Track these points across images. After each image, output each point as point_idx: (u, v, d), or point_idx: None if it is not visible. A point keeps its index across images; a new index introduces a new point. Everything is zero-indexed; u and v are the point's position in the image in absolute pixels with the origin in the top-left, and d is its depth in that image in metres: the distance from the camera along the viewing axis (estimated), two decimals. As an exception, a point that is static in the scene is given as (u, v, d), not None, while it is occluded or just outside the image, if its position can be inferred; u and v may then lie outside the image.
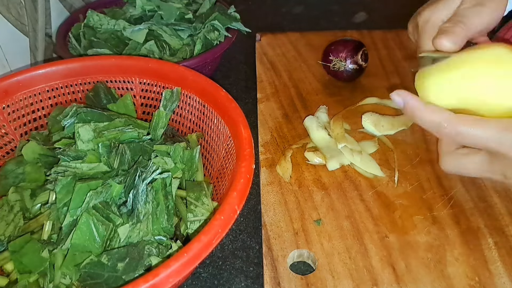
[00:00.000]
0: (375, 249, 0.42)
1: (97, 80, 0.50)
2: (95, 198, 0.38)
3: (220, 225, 0.31)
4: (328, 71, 0.62)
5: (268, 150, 0.54)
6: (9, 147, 0.48)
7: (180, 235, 0.40)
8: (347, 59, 0.59)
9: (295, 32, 0.76)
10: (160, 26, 0.64)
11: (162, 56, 0.62)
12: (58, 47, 0.62)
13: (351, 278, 0.39)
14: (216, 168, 0.45)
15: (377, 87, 0.63)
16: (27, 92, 0.47)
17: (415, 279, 0.39)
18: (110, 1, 0.73)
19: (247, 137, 0.38)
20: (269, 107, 0.60)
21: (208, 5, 0.69)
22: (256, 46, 0.73)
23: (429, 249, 0.42)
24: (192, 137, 0.48)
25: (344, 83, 0.63)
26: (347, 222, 0.44)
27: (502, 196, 0.46)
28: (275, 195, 0.48)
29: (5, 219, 0.40)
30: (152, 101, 0.51)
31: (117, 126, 0.44)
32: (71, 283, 0.35)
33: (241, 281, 0.42)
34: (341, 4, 0.92)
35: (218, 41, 0.64)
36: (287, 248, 0.42)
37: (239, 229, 0.47)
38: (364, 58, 0.60)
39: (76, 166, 0.41)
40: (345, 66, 0.60)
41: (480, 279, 0.39)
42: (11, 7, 0.59)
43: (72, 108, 0.46)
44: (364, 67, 0.61)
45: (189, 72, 0.47)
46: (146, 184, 0.39)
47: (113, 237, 0.37)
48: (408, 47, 0.72)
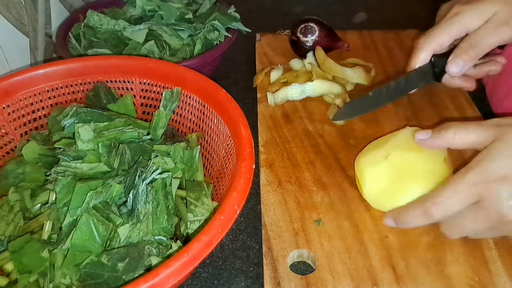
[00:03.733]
0: (375, 249, 0.42)
1: (97, 80, 0.50)
2: (95, 198, 0.38)
3: (220, 225, 0.31)
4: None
5: (268, 150, 0.54)
6: (9, 147, 0.48)
7: (180, 235, 0.40)
8: (292, 33, 0.67)
9: (295, 32, 0.76)
10: (160, 26, 0.64)
11: (162, 56, 0.62)
12: (58, 47, 0.62)
13: (351, 278, 0.39)
14: (216, 168, 0.45)
15: (377, 87, 0.63)
16: (27, 92, 0.47)
17: (415, 279, 0.39)
18: (110, 1, 0.73)
19: (247, 137, 0.38)
20: (269, 107, 0.60)
21: (208, 5, 0.69)
22: (256, 46, 0.73)
23: (429, 249, 0.42)
24: (192, 137, 0.48)
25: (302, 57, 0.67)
26: (347, 222, 0.44)
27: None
28: (275, 195, 0.48)
29: (5, 219, 0.40)
30: (152, 101, 0.51)
31: (117, 126, 0.44)
32: (71, 283, 0.35)
33: (241, 281, 0.42)
34: (341, 4, 0.92)
35: (218, 41, 0.64)
36: (287, 248, 0.42)
37: (239, 229, 0.47)
38: (304, 32, 0.65)
39: (76, 166, 0.41)
40: (291, 38, 0.68)
41: (480, 279, 0.39)
42: (11, 7, 0.59)
43: (72, 108, 0.46)
44: (302, 40, 0.66)
45: (189, 72, 0.47)
46: (146, 184, 0.39)
47: (113, 237, 0.37)
48: (409, 48, 0.72)
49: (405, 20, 0.85)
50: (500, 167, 0.35)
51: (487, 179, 0.35)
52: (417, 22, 0.82)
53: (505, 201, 0.34)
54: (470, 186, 0.35)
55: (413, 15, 0.87)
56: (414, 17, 0.86)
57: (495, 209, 0.35)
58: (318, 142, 0.54)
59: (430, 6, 0.91)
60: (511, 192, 0.34)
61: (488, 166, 0.35)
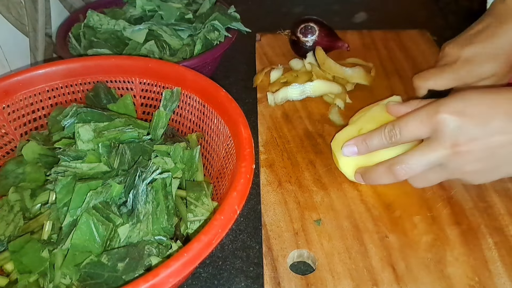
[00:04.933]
0: (375, 249, 0.42)
1: (97, 80, 0.50)
2: (95, 198, 0.38)
3: (220, 225, 0.31)
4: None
5: (268, 150, 0.54)
6: (9, 147, 0.48)
7: (180, 235, 0.40)
8: (292, 33, 0.68)
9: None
10: (160, 26, 0.64)
11: (162, 56, 0.62)
12: (58, 47, 0.62)
13: (351, 278, 0.39)
14: (216, 168, 0.45)
15: (377, 87, 0.63)
16: (27, 92, 0.47)
17: (415, 279, 0.39)
18: (110, 1, 0.73)
19: (247, 137, 0.38)
20: (269, 107, 0.60)
21: (208, 5, 0.69)
22: (256, 46, 0.73)
23: (429, 249, 0.42)
24: (192, 137, 0.48)
25: (300, 57, 0.67)
26: (347, 222, 0.44)
27: (502, 196, 0.46)
28: (275, 195, 0.48)
29: (5, 219, 0.40)
30: (152, 101, 0.51)
31: (117, 126, 0.44)
32: (71, 283, 0.35)
33: (241, 281, 0.42)
34: (341, 4, 0.92)
35: (218, 41, 0.64)
36: (287, 248, 0.42)
37: (239, 229, 0.47)
38: (304, 32, 0.65)
39: (76, 166, 0.41)
40: (291, 38, 0.68)
41: (480, 279, 0.39)
42: (11, 7, 0.59)
43: (72, 108, 0.46)
44: (302, 40, 0.66)
45: (189, 72, 0.47)
46: (146, 184, 0.39)
47: (113, 237, 0.37)
48: (409, 48, 0.72)
49: (405, 20, 0.85)
50: (454, 104, 0.39)
51: (441, 110, 0.39)
52: (417, 22, 0.82)
53: (456, 130, 0.38)
54: (426, 115, 0.40)
55: (413, 15, 0.87)
56: (414, 17, 0.86)
57: (449, 137, 0.39)
58: (318, 142, 0.54)
59: (430, 6, 0.91)
60: (461, 124, 0.38)
61: (442, 102, 0.40)
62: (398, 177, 0.42)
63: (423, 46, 0.72)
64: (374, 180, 0.45)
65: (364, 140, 0.44)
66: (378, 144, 0.44)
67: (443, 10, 0.89)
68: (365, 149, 0.45)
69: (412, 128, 0.41)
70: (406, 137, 0.41)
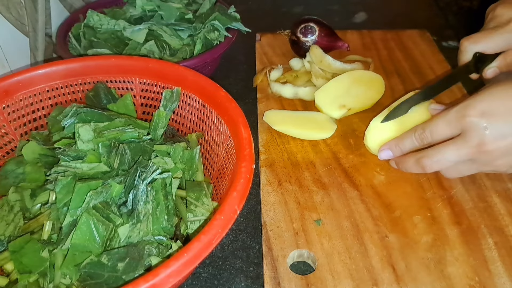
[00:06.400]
0: (375, 249, 0.42)
1: (97, 80, 0.50)
2: (95, 198, 0.38)
3: (220, 225, 0.31)
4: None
5: (268, 150, 0.54)
6: (9, 147, 0.48)
7: (180, 235, 0.40)
8: (292, 33, 0.68)
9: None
10: (160, 26, 0.64)
11: (162, 56, 0.62)
12: (58, 47, 0.62)
13: (351, 278, 0.39)
14: (216, 168, 0.45)
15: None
16: (27, 92, 0.47)
17: (415, 279, 0.39)
18: (110, 1, 0.73)
19: (247, 137, 0.38)
20: (269, 107, 0.60)
21: (208, 5, 0.69)
22: (256, 46, 0.73)
23: (429, 249, 0.42)
24: (192, 137, 0.48)
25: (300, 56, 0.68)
26: (347, 222, 0.44)
27: (502, 196, 0.46)
28: (275, 195, 0.48)
29: (5, 219, 0.40)
30: (152, 101, 0.51)
31: (117, 126, 0.44)
32: (71, 283, 0.35)
33: (241, 281, 0.42)
34: (341, 4, 0.92)
35: (218, 41, 0.64)
36: (287, 248, 0.42)
37: (239, 229, 0.47)
38: (304, 32, 0.65)
39: (76, 166, 0.41)
40: (291, 38, 0.68)
41: (480, 279, 0.39)
42: (11, 7, 0.59)
43: (72, 108, 0.46)
44: (302, 40, 0.66)
45: (189, 72, 0.47)
46: (146, 184, 0.39)
47: (113, 237, 0.37)
48: (409, 48, 0.72)
49: (405, 20, 0.85)
50: (480, 105, 0.40)
51: (468, 113, 0.40)
52: (417, 22, 0.82)
53: (483, 131, 0.40)
54: (455, 118, 0.42)
55: (413, 15, 0.87)
56: (414, 17, 0.86)
57: (475, 138, 0.40)
58: (318, 142, 0.54)
59: (430, 6, 0.91)
60: (488, 124, 0.40)
61: (469, 103, 0.41)
62: (426, 170, 0.44)
63: (423, 46, 0.72)
64: (404, 169, 0.47)
65: (397, 144, 0.48)
66: (410, 147, 0.47)
67: (443, 10, 0.89)
68: (399, 152, 0.48)
69: (441, 132, 0.43)
70: (436, 139, 0.44)
